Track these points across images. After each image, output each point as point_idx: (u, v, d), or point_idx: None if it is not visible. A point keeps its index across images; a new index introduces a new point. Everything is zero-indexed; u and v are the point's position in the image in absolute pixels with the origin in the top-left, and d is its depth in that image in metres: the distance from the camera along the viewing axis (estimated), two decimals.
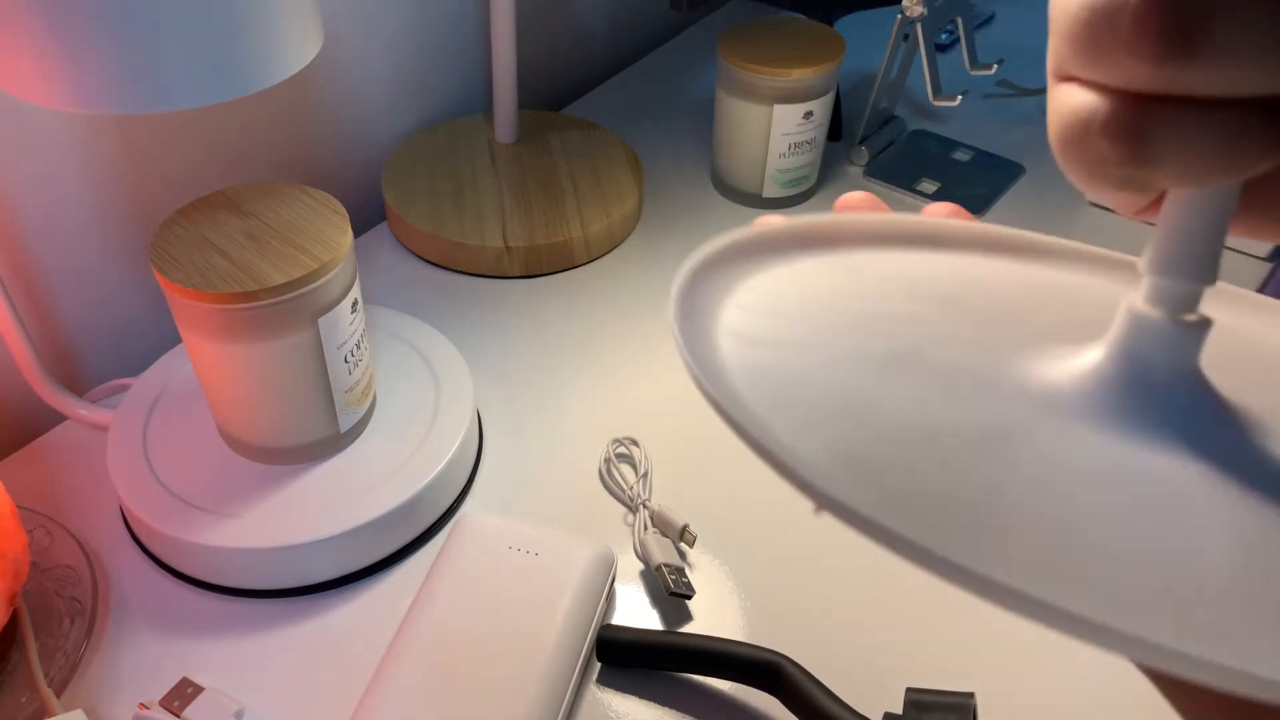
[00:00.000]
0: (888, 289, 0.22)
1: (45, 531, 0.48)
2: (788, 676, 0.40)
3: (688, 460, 0.53)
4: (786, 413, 0.17)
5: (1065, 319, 0.22)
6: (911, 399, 0.18)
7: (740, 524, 0.50)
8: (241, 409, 0.46)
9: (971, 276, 0.24)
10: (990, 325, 0.21)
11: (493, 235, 0.64)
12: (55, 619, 0.44)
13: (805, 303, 0.21)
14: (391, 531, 0.47)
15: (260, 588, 0.46)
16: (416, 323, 0.56)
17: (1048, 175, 0.77)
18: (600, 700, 0.43)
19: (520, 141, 0.73)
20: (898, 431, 0.17)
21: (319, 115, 0.66)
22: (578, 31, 0.87)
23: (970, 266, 0.24)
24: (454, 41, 0.74)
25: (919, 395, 0.18)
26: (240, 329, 0.42)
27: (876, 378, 0.19)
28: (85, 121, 0.53)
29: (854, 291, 0.22)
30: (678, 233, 0.69)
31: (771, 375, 0.19)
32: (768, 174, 0.70)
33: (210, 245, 0.43)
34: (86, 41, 0.33)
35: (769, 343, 0.20)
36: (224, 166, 0.62)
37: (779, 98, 0.66)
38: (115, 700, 0.42)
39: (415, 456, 0.49)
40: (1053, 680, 0.44)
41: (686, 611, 0.46)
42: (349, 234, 0.44)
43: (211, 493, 0.47)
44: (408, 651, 0.41)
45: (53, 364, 0.57)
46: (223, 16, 0.35)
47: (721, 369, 0.19)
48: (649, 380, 0.58)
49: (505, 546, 0.45)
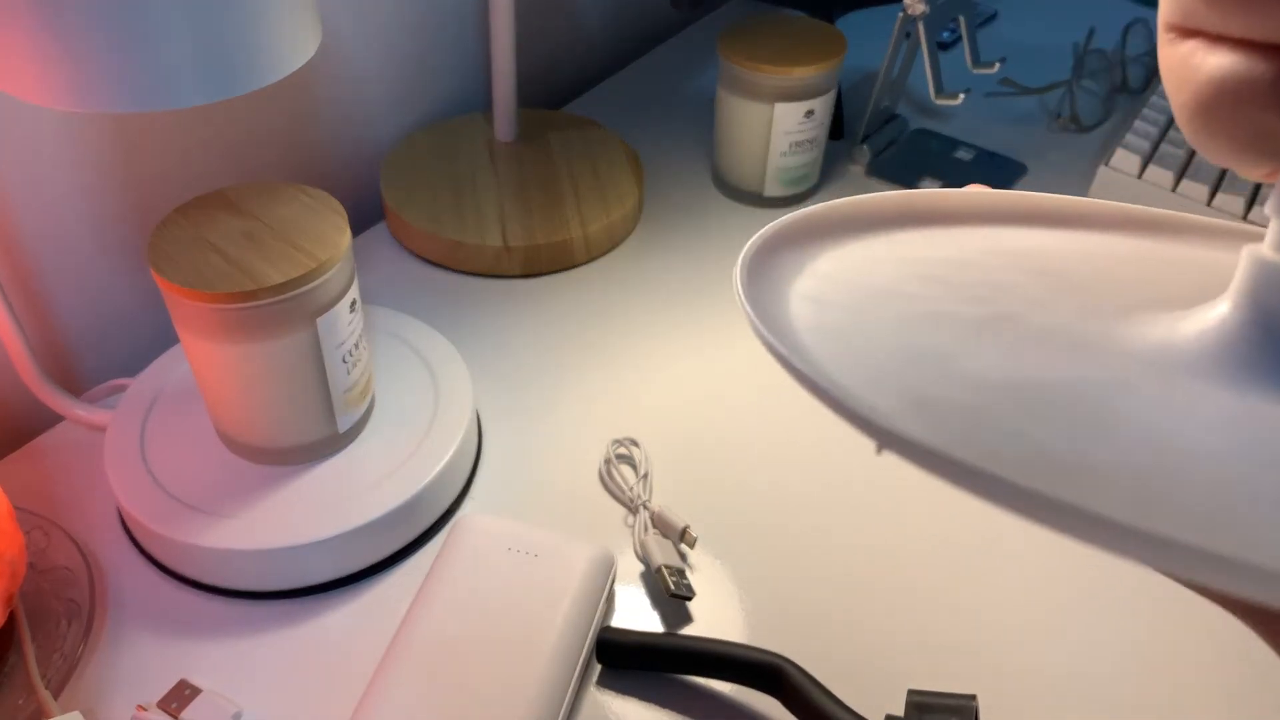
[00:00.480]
0: (986, 260, 0.21)
1: (42, 532, 0.47)
2: (789, 678, 0.40)
3: (689, 461, 0.53)
4: (855, 363, 0.16)
5: (1174, 290, 0.20)
6: (1001, 355, 0.17)
7: (741, 525, 0.50)
8: (239, 409, 0.46)
9: (1076, 250, 0.22)
10: (1094, 294, 0.20)
11: (492, 234, 0.64)
12: (52, 620, 0.44)
13: (893, 271, 0.20)
14: (390, 533, 0.47)
15: (258, 589, 0.46)
16: (415, 322, 0.56)
17: (1049, 174, 0.76)
18: (600, 702, 0.43)
19: (520, 140, 0.72)
20: (980, 380, 0.16)
21: (317, 114, 0.66)
22: (578, 30, 0.86)
23: (1073, 241, 0.23)
24: (453, 39, 0.74)
25: (1010, 352, 0.17)
26: (238, 329, 0.42)
27: (964, 336, 0.17)
28: (82, 120, 0.53)
29: (949, 259, 0.21)
30: (678, 232, 0.69)
31: (843, 333, 0.17)
32: (769, 173, 0.69)
33: (208, 245, 0.43)
34: (83, 40, 0.33)
35: (845, 306, 0.19)
36: (222, 165, 0.62)
37: (780, 96, 0.66)
38: (113, 702, 0.42)
39: (414, 457, 0.49)
40: (1054, 682, 0.44)
41: (687, 613, 0.46)
42: (347, 233, 0.44)
43: (209, 494, 0.47)
44: (406, 653, 0.41)
45: (50, 364, 0.57)
46: (220, 14, 0.34)
47: (788, 325, 0.17)
48: (650, 380, 0.58)
49: (504, 548, 0.45)
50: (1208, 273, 0.20)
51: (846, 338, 0.17)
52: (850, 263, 0.21)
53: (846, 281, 0.20)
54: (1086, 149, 0.80)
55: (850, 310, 0.19)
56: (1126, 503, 0.13)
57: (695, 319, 0.62)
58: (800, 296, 0.19)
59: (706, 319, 0.62)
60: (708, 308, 0.63)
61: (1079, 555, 0.49)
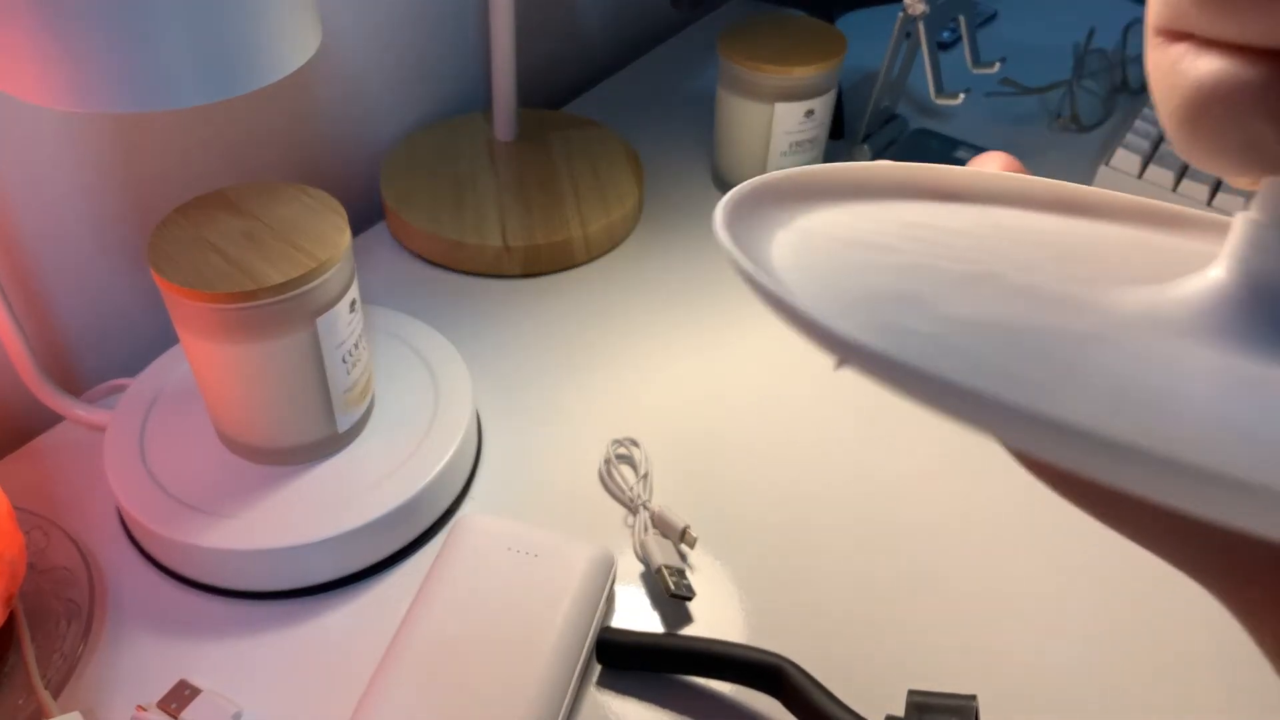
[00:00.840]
0: (981, 230, 0.21)
1: (42, 533, 0.47)
2: (789, 678, 0.40)
3: (689, 461, 0.53)
4: (826, 294, 0.16)
5: (1172, 273, 0.20)
6: (978, 304, 0.16)
7: (741, 526, 0.50)
8: (239, 409, 0.46)
9: (1077, 232, 0.22)
10: (1088, 266, 0.19)
11: (492, 234, 0.64)
12: (52, 620, 0.44)
13: (883, 228, 0.20)
14: (390, 533, 0.47)
15: (258, 589, 0.46)
16: (415, 322, 0.56)
17: (1049, 174, 0.76)
18: (600, 703, 0.43)
19: (520, 140, 0.72)
20: (951, 317, 0.15)
21: (317, 114, 0.66)
22: (578, 30, 0.86)
23: (1076, 224, 0.22)
24: (453, 39, 0.74)
25: (988, 302, 0.16)
26: (238, 329, 0.42)
27: (943, 285, 0.17)
28: (82, 120, 0.53)
29: (943, 227, 0.20)
30: (678, 232, 0.69)
31: (819, 271, 0.17)
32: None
33: (208, 245, 0.43)
34: (84, 40, 0.33)
35: (826, 252, 0.18)
36: (222, 165, 0.62)
37: (780, 96, 0.66)
38: (113, 702, 0.42)
39: (414, 457, 0.48)
40: (1054, 682, 0.44)
41: (687, 613, 0.46)
42: (347, 233, 0.44)
43: (209, 494, 0.46)
44: (406, 653, 0.41)
45: (49, 364, 0.57)
46: (220, 14, 0.34)
47: (765, 260, 0.17)
48: (649, 380, 0.58)
49: (504, 548, 0.45)
50: (1209, 262, 0.20)
51: (821, 276, 0.17)
52: (841, 221, 0.20)
53: (832, 235, 0.19)
54: (1086, 149, 0.80)
55: (830, 256, 0.18)
56: (1092, 413, 0.13)
57: (695, 319, 0.62)
58: (781, 242, 0.19)
59: (706, 319, 0.62)
60: (708, 308, 0.63)
61: (1080, 555, 0.49)
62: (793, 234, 0.19)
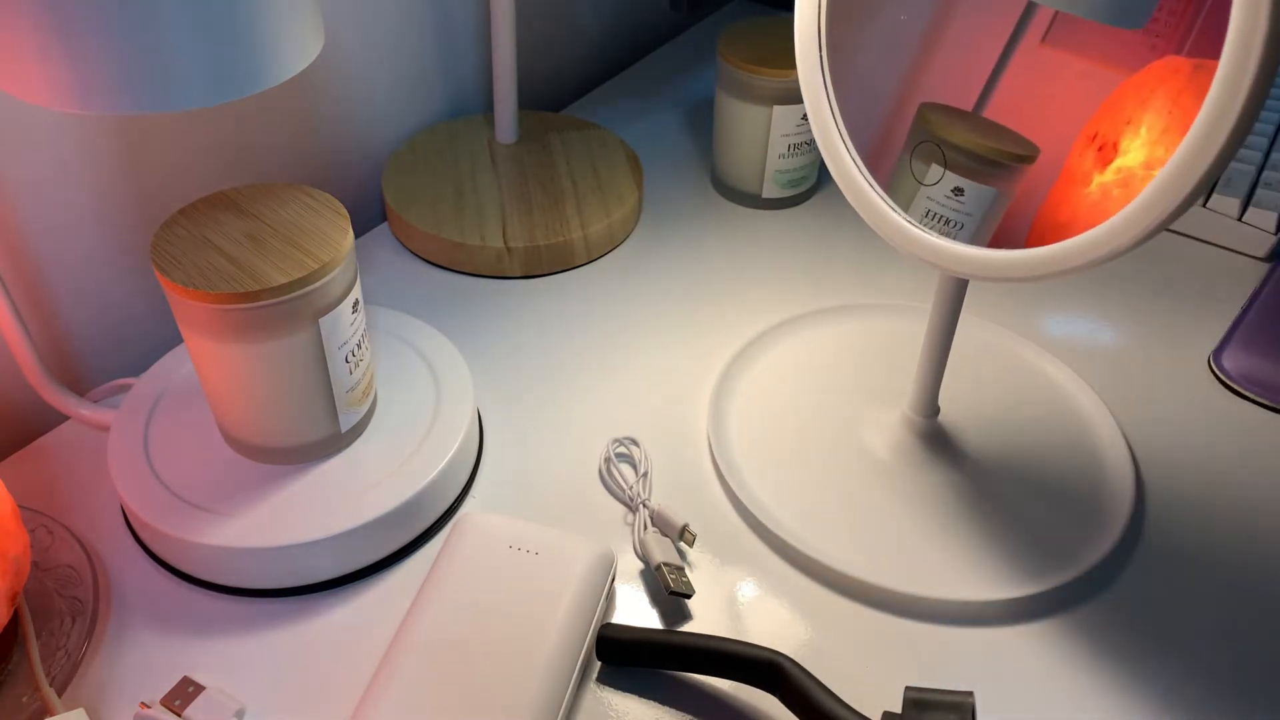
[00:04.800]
0: None
1: (46, 531, 0.48)
2: (787, 675, 0.40)
3: (688, 460, 0.53)
4: None
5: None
6: None
7: (740, 523, 0.50)
8: (242, 409, 0.46)
9: None
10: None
11: (493, 235, 0.64)
12: (56, 618, 0.44)
13: None
14: (392, 531, 0.48)
15: (261, 587, 0.46)
16: (417, 323, 0.56)
17: None
18: (600, 699, 0.43)
19: (520, 142, 0.73)
20: None
21: (320, 116, 0.66)
22: (578, 32, 0.87)
23: None
24: (454, 41, 0.74)
25: None
26: (241, 329, 0.42)
27: None
28: (87, 122, 0.53)
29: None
30: (678, 233, 0.69)
31: None
32: (767, 174, 0.70)
33: (211, 245, 0.43)
34: (88, 42, 0.33)
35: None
36: (225, 167, 0.62)
37: (778, 98, 0.66)
38: (116, 699, 0.42)
39: (416, 456, 0.49)
40: (1053, 680, 0.44)
41: (686, 610, 0.47)
42: (350, 234, 0.44)
43: (212, 492, 0.47)
44: (408, 650, 0.41)
45: (54, 364, 0.57)
46: (224, 17, 0.35)
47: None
48: (649, 380, 0.58)
49: (505, 546, 0.45)
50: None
51: None
52: None
53: None
54: None
55: None
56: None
57: (695, 319, 0.63)
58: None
59: (706, 319, 0.63)
60: (707, 308, 0.63)
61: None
62: None
